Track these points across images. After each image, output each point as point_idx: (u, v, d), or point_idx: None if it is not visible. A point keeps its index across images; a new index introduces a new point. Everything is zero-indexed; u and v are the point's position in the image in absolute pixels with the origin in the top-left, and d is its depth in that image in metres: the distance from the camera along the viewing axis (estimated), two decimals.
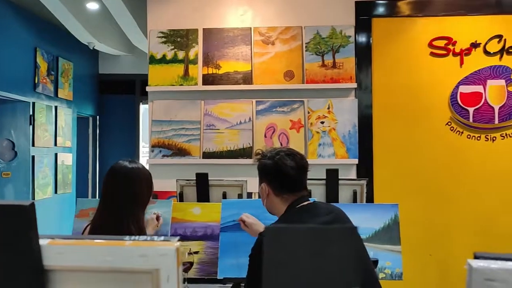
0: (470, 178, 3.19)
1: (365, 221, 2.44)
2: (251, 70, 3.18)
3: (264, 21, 3.25)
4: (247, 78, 3.17)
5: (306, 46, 3.20)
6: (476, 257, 0.73)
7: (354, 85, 3.20)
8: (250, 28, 3.24)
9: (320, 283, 0.38)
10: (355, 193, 2.53)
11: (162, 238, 0.70)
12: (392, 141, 3.24)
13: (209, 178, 2.41)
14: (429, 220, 3.18)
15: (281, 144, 3.12)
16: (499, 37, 3.20)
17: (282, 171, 1.78)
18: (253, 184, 2.26)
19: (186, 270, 2.01)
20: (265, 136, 3.15)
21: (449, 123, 3.22)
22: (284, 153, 1.82)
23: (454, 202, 3.19)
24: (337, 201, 2.49)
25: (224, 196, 2.39)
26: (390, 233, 2.41)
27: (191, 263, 2.05)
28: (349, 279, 0.38)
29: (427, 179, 3.21)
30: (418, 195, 3.20)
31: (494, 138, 3.19)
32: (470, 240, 3.12)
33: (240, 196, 2.42)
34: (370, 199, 3.10)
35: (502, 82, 3.19)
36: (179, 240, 0.70)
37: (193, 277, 2.14)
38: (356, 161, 3.16)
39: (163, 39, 3.23)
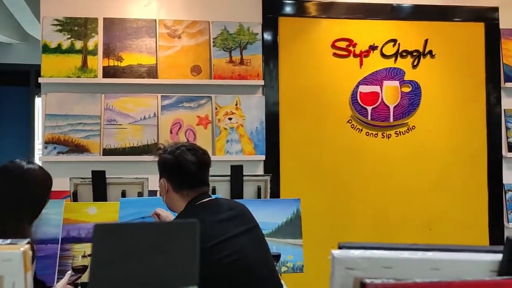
0: (368, 172, 3.38)
1: (268, 216, 2.46)
2: (156, 64, 3.06)
3: (170, 14, 3.16)
4: (152, 72, 3.05)
5: (213, 42, 3.16)
6: (339, 247, 0.74)
7: (262, 82, 3.22)
8: (155, 20, 3.12)
9: (154, 282, 0.34)
10: (259, 188, 2.54)
11: (9, 241, 0.61)
12: (298, 137, 3.32)
13: (107, 176, 2.27)
14: (332, 212, 3.31)
15: (188, 141, 3.05)
16: (394, 41, 3.42)
17: (182, 167, 1.72)
18: (156, 181, 2.17)
19: (79, 272, 1.88)
20: (171, 132, 3.06)
21: (350, 121, 3.38)
22: (186, 147, 1.76)
23: (354, 195, 3.36)
24: (241, 197, 2.49)
25: (124, 194, 2.27)
26: (292, 227, 2.47)
27: (85, 267, 1.92)
28: (186, 276, 0.35)
29: (330, 173, 3.34)
30: (322, 189, 3.32)
31: (389, 135, 3.41)
32: (369, 230, 3.30)
33: (140, 194, 2.32)
34: (276, 194, 3.15)
35: (396, 83, 3.42)
36: (30, 243, 0.62)
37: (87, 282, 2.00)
38: (263, 157, 3.19)
39: (58, 27, 2.99)
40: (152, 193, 2.52)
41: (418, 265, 0.74)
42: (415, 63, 3.44)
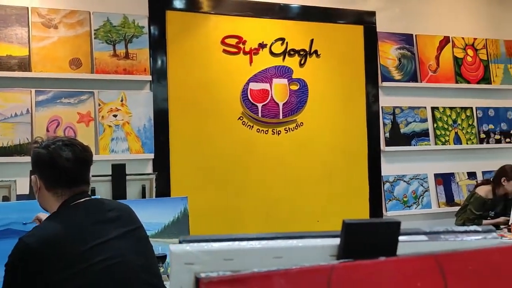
0: (259, 168, 3.43)
1: (154, 216, 2.37)
2: (29, 56, 2.80)
3: (44, 2, 2.90)
4: (24, 64, 2.78)
5: (95, 33, 2.97)
6: (180, 242, 0.70)
7: (149, 77, 3.11)
8: (27, 8, 2.84)
9: None
10: (144, 188, 2.44)
11: None
12: (189, 134, 3.26)
13: None
14: (224, 209, 3.31)
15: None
16: (282, 40, 3.51)
17: (56, 163, 1.56)
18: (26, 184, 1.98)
19: None
20: (48, 131, 2.81)
21: (241, 118, 3.40)
22: (63, 142, 1.60)
23: (246, 190, 3.38)
24: (124, 198, 2.37)
25: None
26: (179, 227, 2.40)
27: None
28: None
29: (222, 170, 3.33)
30: (214, 186, 3.30)
31: (279, 132, 3.49)
32: (261, 224, 3.36)
33: (6, 198, 2.09)
34: (167, 193, 3.06)
35: (285, 81, 3.51)
36: None
37: None
38: (152, 155, 3.08)
39: None
40: (23, 197, 2.29)
41: (260, 255, 0.73)
42: (302, 62, 3.56)
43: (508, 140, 4.13)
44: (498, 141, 4.08)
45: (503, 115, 4.15)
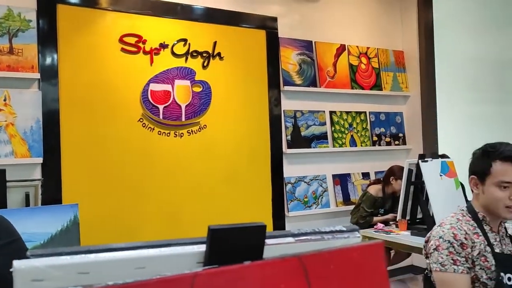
0: (161, 172, 3.34)
1: (39, 226, 2.19)
2: None
3: None
4: None
5: None
6: (27, 256, 0.63)
7: (37, 75, 2.87)
8: None
9: None
10: (27, 195, 2.24)
11: None
12: (83, 137, 3.07)
13: None
14: (122, 215, 3.16)
15: None
16: (185, 40, 3.46)
17: None
18: None
19: None
20: None
21: (141, 120, 3.28)
22: None
23: (146, 195, 3.27)
24: (5, 207, 2.16)
25: None
26: (68, 236, 2.25)
27: None
28: None
29: (120, 175, 3.19)
30: (111, 192, 3.14)
31: (181, 135, 3.43)
32: (162, 231, 3.26)
33: None
34: (59, 200, 2.85)
35: (187, 82, 3.46)
36: None
37: None
38: (40, 159, 2.84)
39: None
40: None
41: (120, 266, 0.68)
42: (205, 64, 3.54)
43: (397, 142, 4.47)
44: (388, 144, 4.41)
45: (392, 119, 4.49)
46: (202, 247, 0.74)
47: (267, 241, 0.77)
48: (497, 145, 1.60)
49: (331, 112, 4.15)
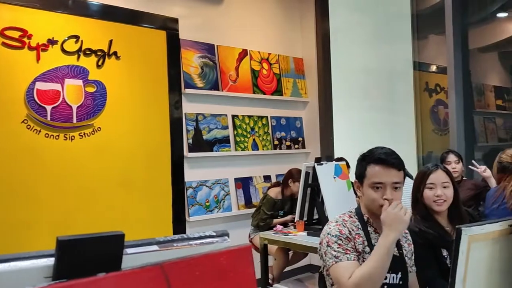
0: (49, 176, 3.09)
1: None
2: None
3: None
4: None
5: None
6: None
7: None
8: None
9: None
10: None
11: None
12: None
13: None
14: (4, 222, 2.87)
15: None
16: (77, 37, 3.25)
17: None
18: None
19: None
20: None
21: (26, 121, 3.01)
22: None
23: (33, 201, 3.01)
24: None
25: None
26: None
27: None
28: None
29: (2, 180, 2.89)
30: None
31: (73, 137, 3.21)
32: (49, 238, 3.01)
33: None
34: None
35: (79, 82, 3.25)
36: None
37: None
38: None
39: None
40: None
41: None
42: (100, 63, 3.35)
43: (297, 146, 4.63)
44: (288, 147, 4.55)
45: (292, 124, 4.64)
46: (51, 261, 0.67)
47: (128, 250, 0.72)
48: (373, 149, 1.69)
49: (234, 116, 4.17)
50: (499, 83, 4.52)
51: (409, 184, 2.78)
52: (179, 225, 3.70)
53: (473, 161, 3.39)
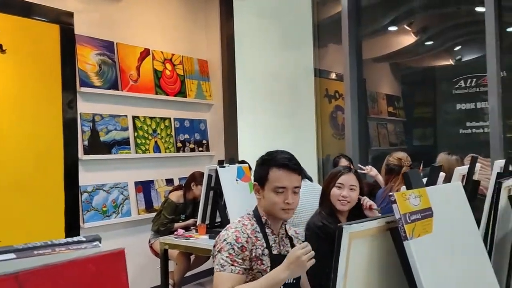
0: None
1: None
2: None
3: None
4: None
5: None
6: None
7: None
8: None
9: None
10: None
11: None
12: None
13: None
14: None
15: None
16: None
17: None
18: None
19: None
20: None
21: None
22: None
23: None
24: None
25: None
26: None
27: None
28: None
29: None
30: None
31: None
32: None
33: None
34: None
35: None
36: None
37: None
38: None
39: None
40: None
41: None
42: None
43: (201, 149, 4.59)
44: (192, 150, 4.49)
45: (196, 126, 4.59)
46: None
47: None
48: (273, 153, 1.71)
49: (134, 117, 4.01)
50: (390, 91, 4.90)
51: (308, 187, 2.90)
52: (72, 232, 3.46)
53: (359, 165, 3.64)
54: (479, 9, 3.61)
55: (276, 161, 1.67)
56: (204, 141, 4.64)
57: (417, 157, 3.45)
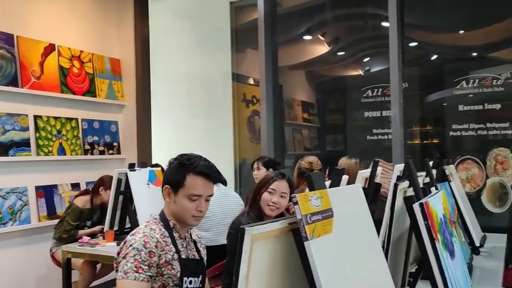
0: None
1: None
2: None
3: None
4: None
5: None
6: None
7: None
8: None
9: None
10: None
11: None
12: None
13: None
14: None
15: None
16: None
17: None
18: None
19: None
20: None
21: None
22: None
23: None
24: None
25: None
26: None
27: None
28: None
29: None
30: None
31: None
32: None
33: None
34: None
35: None
36: None
37: None
38: None
39: None
40: None
41: None
42: None
43: (111, 151, 4.37)
44: (102, 153, 4.26)
45: (107, 128, 4.37)
46: None
47: None
48: (192, 158, 1.63)
49: (36, 117, 3.71)
50: (305, 98, 5.05)
51: (221, 191, 2.86)
52: None
53: (270, 169, 3.70)
54: (385, 24, 3.84)
55: (196, 168, 1.60)
56: (115, 144, 4.43)
57: (329, 162, 3.59)
